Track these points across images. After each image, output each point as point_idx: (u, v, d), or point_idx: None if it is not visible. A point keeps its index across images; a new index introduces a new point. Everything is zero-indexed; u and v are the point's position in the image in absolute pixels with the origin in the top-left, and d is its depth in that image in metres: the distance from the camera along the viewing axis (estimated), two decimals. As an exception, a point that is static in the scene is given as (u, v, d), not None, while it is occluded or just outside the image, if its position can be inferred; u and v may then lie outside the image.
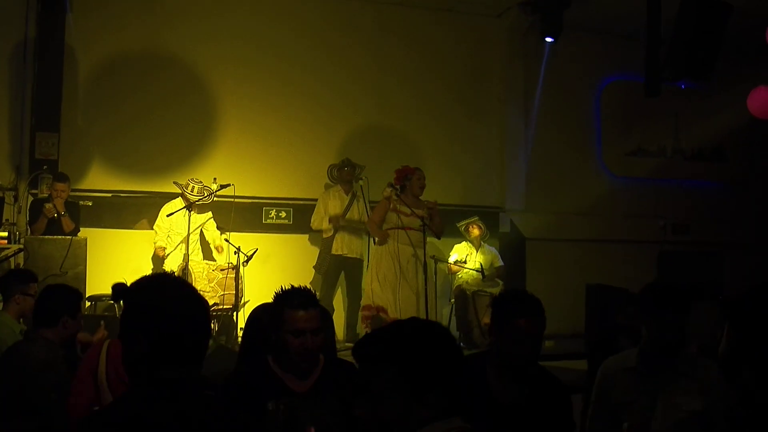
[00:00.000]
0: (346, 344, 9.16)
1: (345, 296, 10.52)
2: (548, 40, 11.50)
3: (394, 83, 11.54)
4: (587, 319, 10.56)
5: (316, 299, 3.71)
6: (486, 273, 10.40)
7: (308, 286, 3.76)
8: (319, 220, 10.32)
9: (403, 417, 2.23)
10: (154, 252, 9.78)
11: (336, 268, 10.27)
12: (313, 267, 10.41)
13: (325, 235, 10.31)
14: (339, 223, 10.08)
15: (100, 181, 10.15)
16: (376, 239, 9.32)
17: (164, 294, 2.41)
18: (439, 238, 9.64)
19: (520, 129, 12.24)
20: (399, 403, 2.24)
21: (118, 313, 8.71)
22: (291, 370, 3.66)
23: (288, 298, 3.66)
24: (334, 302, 10.27)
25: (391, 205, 9.18)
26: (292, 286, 3.71)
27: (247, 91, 10.81)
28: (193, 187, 9.45)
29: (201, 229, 9.84)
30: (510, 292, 3.76)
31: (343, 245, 10.22)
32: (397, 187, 9.26)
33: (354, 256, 10.29)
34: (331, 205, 10.26)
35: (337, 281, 10.40)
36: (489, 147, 12.16)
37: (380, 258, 9.17)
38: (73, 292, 5.22)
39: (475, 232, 10.85)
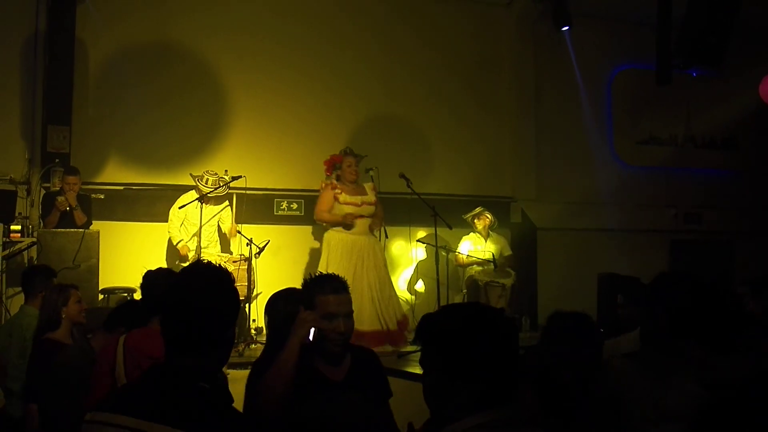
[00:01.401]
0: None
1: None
2: (564, 28, 11.46)
3: (404, 72, 11.54)
4: (599, 308, 10.57)
5: (346, 284, 3.74)
6: (498, 262, 10.38)
7: (338, 275, 3.78)
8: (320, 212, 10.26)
9: (445, 398, 2.27)
10: (169, 244, 9.79)
11: None
12: None
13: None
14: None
15: (112, 173, 10.19)
16: (331, 226, 9.08)
17: (178, 282, 2.48)
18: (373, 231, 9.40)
19: (530, 118, 12.23)
20: (440, 383, 2.30)
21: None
22: (324, 356, 3.68)
23: (319, 284, 3.71)
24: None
25: (335, 197, 9.08)
26: (321, 273, 3.77)
27: (257, 82, 10.83)
28: (207, 179, 9.45)
29: (218, 222, 9.84)
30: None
31: None
32: (332, 177, 9.19)
33: None
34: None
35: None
36: (499, 136, 12.16)
37: (331, 250, 8.94)
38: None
39: (483, 223, 10.82)
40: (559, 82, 12.17)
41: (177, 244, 9.53)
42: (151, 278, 4.60)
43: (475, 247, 10.76)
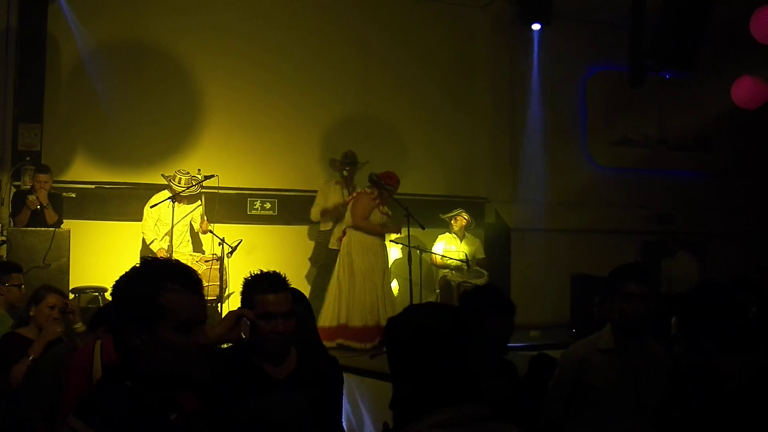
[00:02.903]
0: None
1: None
2: (535, 27, 11.49)
3: (379, 74, 11.52)
4: (572, 308, 10.64)
5: (286, 283, 3.67)
6: (471, 263, 10.39)
7: (279, 273, 3.72)
8: (318, 211, 10.26)
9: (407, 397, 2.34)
10: (143, 244, 9.71)
11: (330, 263, 10.24)
12: (309, 259, 10.42)
13: (322, 228, 10.28)
14: (340, 211, 9.92)
15: (84, 172, 10.08)
16: (372, 235, 9.12)
17: (128, 276, 2.47)
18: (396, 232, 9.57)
19: (505, 119, 12.25)
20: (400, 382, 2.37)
21: (102, 305, 8.67)
22: (265, 356, 3.64)
23: (257, 283, 3.65)
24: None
25: (375, 203, 9.12)
26: (261, 272, 3.69)
27: (231, 82, 10.76)
28: (180, 179, 9.40)
29: (191, 221, 9.79)
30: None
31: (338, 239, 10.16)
32: (388, 187, 9.18)
33: None
34: (331, 198, 10.17)
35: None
36: (474, 137, 12.17)
37: (356, 252, 9.01)
38: None
39: (459, 224, 10.84)
40: (533, 84, 12.16)
41: (150, 244, 9.46)
42: (126, 281, 4.52)
43: (449, 247, 10.76)
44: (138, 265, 2.51)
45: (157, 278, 2.42)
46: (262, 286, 3.62)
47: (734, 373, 3.40)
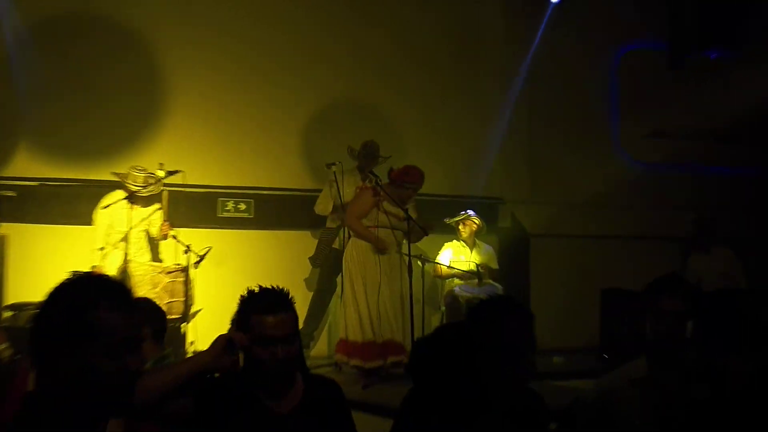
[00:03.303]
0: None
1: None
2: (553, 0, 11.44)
3: (367, 58, 11.49)
4: (602, 329, 10.52)
5: (287, 300, 3.62)
6: (483, 276, 10.30)
7: (281, 289, 3.66)
8: (324, 204, 10.16)
9: None
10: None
11: (336, 264, 10.16)
12: (309, 258, 10.39)
13: (329, 224, 10.23)
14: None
15: (25, 167, 10.00)
16: (363, 240, 8.97)
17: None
18: (419, 240, 9.50)
19: (522, 107, 12.22)
20: None
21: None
22: (264, 388, 3.59)
23: (253, 301, 3.58)
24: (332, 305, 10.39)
25: (377, 202, 9.00)
26: (261, 287, 3.62)
27: (200, 64, 10.72)
28: (136, 177, 9.30)
29: (147, 225, 9.70)
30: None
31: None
32: (407, 184, 9.04)
33: None
34: (346, 189, 10.03)
35: (336, 280, 10.32)
36: (485, 127, 12.10)
37: (361, 262, 8.92)
38: None
39: (469, 229, 10.74)
40: (555, 66, 12.09)
41: (99, 251, 9.38)
42: (54, 299, 4.46)
43: (458, 257, 10.67)
44: (66, 281, 2.55)
45: (86, 295, 2.48)
46: (260, 304, 3.55)
47: (736, 372, 3.58)
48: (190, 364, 3.33)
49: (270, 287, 3.63)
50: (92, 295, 2.44)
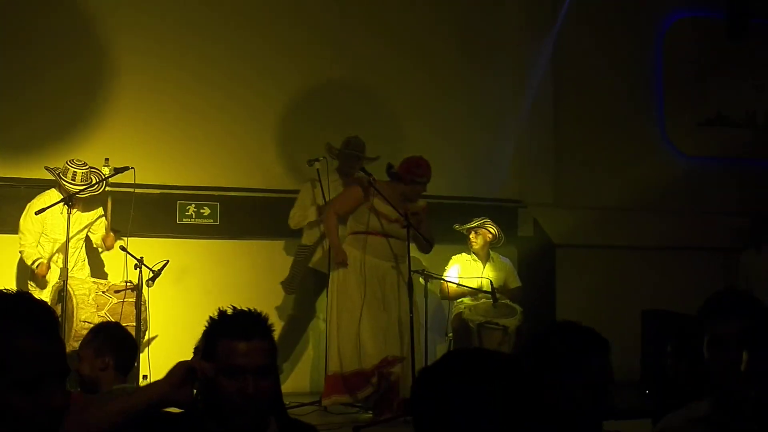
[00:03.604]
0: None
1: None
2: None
3: (362, 36, 11.53)
4: (643, 357, 10.52)
5: (265, 327, 3.57)
6: (498, 296, 10.28)
7: (258, 313, 3.60)
8: (301, 215, 10.13)
9: None
10: (21, 261, 9.65)
11: (314, 288, 10.20)
12: (281, 284, 10.37)
13: (305, 241, 10.19)
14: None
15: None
16: (330, 251, 9.14)
17: None
18: (427, 252, 9.58)
19: (546, 94, 12.25)
20: None
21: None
22: (230, 428, 3.51)
23: (222, 324, 3.54)
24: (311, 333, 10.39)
25: (368, 202, 9.01)
26: (234, 309, 3.57)
27: (155, 40, 10.73)
28: (75, 173, 9.27)
29: (88, 233, 9.69)
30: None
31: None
32: (418, 179, 9.09)
33: None
34: (320, 199, 10.04)
35: (314, 305, 10.39)
36: (503, 117, 12.13)
37: (347, 281, 8.98)
38: None
39: (482, 239, 10.73)
40: (586, 40, 12.12)
41: (33, 264, 9.34)
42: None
43: (470, 273, 10.66)
44: None
45: None
46: (230, 328, 3.50)
47: None
48: (143, 395, 3.29)
49: (245, 309, 3.59)
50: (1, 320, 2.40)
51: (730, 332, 3.99)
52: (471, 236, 10.77)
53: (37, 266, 9.34)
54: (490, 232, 10.76)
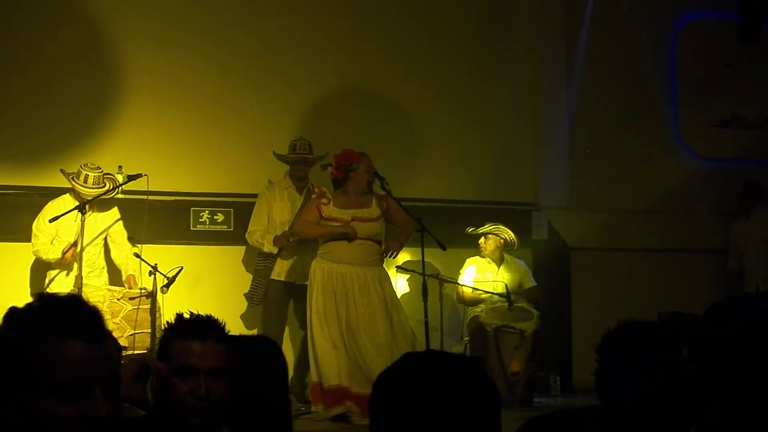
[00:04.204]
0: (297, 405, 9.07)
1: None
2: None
3: (374, 36, 11.55)
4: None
5: (219, 329, 3.57)
6: (513, 300, 10.26)
7: (213, 317, 3.62)
8: (260, 231, 10.07)
9: None
10: (34, 271, 9.69)
11: (281, 298, 10.12)
12: (244, 295, 10.30)
13: (266, 249, 10.10)
14: (290, 243, 9.84)
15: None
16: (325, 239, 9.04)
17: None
18: (391, 257, 9.47)
19: (559, 94, 12.27)
20: None
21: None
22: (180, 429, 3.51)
23: (179, 326, 3.56)
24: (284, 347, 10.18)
25: (318, 208, 9.03)
26: (191, 313, 3.61)
27: (168, 44, 10.76)
28: (87, 176, 9.26)
29: (106, 238, 9.69)
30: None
31: (290, 267, 10.02)
32: (350, 167, 9.05)
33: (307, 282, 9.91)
34: (276, 208, 10.02)
35: (285, 315, 10.28)
36: (516, 118, 12.13)
37: (318, 290, 8.94)
38: None
39: (493, 243, 10.70)
40: (600, 41, 12.11)
41: (58, 257, 9.28)
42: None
43: (483, 275, 10.63)
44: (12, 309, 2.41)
45: (24, 320, 2.31)
46: (185, 329, 3.52)
47: None
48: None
49: (202, 314, 3.62)
50: (33, 321, 2.30)
51: (725, 336, 3.97)
52: (480, 241, 10.74)
53: (64, 254, 9.29)
54: (502, 238, 10.73)
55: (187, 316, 3.58)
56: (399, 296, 10.67)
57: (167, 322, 3.63)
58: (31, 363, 2.23)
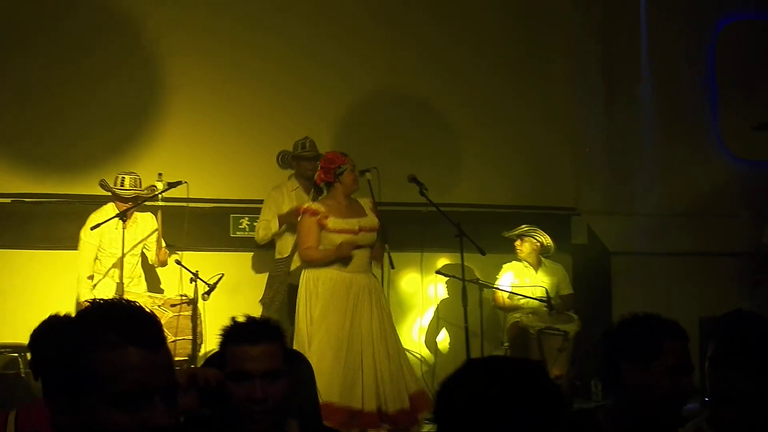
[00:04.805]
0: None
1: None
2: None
3: (411, 44, 11.53)
4: (702, 366, 10.37)
5: (275, 330, 3.59)
6: (553, 303, 10.23)
7: (267, 318, 3.69)
8: (265, 227, 9.96)
9: None
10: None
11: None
12: (260, 301, 10.20)
13: (278, 255, 10.06)
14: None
15: (-4, 179, 10.10)
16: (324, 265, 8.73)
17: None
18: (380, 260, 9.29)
19: (599, 98, 12.20)
20: None
21: (23, 370, 8.61)
22: None
23: (232, 331, 3.57)
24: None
25: (319, 224, 8.71)
26: (247, 317, 3.62)
27: (205, 54, 10.83)
28: (123, 179, 9.34)
29: (143, 249, 9.74)
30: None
31: None
32: (337, 169, 8.77)
33: None
34: (286, 209, 9.91)
35: None
36: (554, 122, 12.08)
37: (313, 295, 8.66)
38: None
39: (529, 246, 10.67)
40: (637, 44, 12.05)
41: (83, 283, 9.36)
42: (41, 334, 4.47)
43: (522, 280, 10.60)
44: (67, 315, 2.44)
45: (84, 327, 2.29)
46: (238, 334, 3.53)
47: None
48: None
49: (252, 317, 3.63)
50: (93, 328, 2.25)
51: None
52: (516, 243, 10.71)
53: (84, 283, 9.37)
54: (538, 241, 10.71)
55: (241, 320, 3.58)
56: (438, 302, 10.73)
57: (222, 327, 3.62)
58: (92, 370, 2.21)
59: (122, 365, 2.22)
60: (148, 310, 2.40)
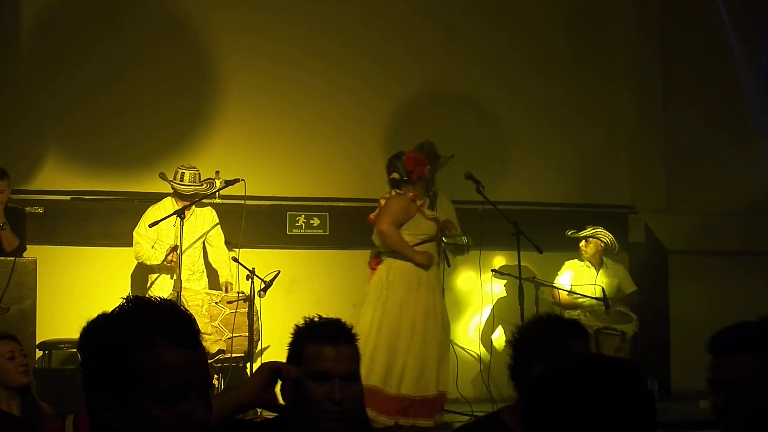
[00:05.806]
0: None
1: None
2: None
3: (463, 44, 11.57)
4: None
5: (351, 334, 3.56)
6: (610, 303, 10.16)
7: (342, 321, 3.61)
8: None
9: None
10: (135, 276, 9.83)
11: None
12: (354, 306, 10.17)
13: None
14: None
15: (55, 178, 10.22)
16: (412, 260, 8.73)
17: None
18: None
19: (656, 96, 12.14)
20: None
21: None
22: None
23: (310, 329, 3.53)
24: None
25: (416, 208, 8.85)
26: (320, 317, 3.58)
27: (261, 54, 10.91)
28: (183, 174, 9.36)
29: (204, 243, 9.76)
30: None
31: None
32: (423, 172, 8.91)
33: None
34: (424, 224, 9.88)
35: None
36: (612, 118, 12.06)
37: (410, 296, 8.69)
38: None
39: (594, 247, 10.61)
40: (698, 38, 12.00)
41: (160, 262, 9.38)
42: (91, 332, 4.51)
43: (582, 279, 10.55)
44: (109, 312, 2.48)
45: (129, 327, 2.38)
46: (317, 333, 3.49)
47: None
48: (233, 394, 3.28)
49: (328, 318, 3.60)
50: (137, 329, 2.36)
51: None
52: (581, 244, 10.67)
53: (166, 257, 9.38)
54: (602, 242, 10.65)
55: (317, 319, 3.56)
56: (495, 300, 10.68)
57: (296, 325, 3.59)
58: (136, 369, 2.30)
59: (165, 364, 2.33)
60: (184, 308, 2.53)
